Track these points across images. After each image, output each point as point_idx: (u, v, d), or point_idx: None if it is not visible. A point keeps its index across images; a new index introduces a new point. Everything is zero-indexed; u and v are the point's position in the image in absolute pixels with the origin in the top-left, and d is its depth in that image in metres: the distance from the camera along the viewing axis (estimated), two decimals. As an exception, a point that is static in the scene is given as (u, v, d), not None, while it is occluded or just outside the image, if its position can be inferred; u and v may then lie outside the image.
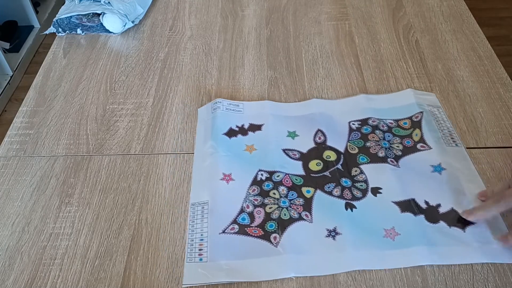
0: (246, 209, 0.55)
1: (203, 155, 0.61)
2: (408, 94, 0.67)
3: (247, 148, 0.61)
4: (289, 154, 0.60)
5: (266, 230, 0.53)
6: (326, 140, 0.62)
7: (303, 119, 0.65)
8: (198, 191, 0.57)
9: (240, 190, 0.57)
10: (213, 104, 0.67)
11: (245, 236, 0.52)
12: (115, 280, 0.51)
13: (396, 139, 0.62)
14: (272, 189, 0.56)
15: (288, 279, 0.50)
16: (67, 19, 0.82)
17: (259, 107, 0.67)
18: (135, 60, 0.78)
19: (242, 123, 0.64)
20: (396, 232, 0.52)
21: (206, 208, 0.55)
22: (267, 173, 0.58)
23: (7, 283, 0.51)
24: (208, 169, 0.59)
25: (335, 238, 0.52)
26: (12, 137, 0.67)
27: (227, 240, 0.52)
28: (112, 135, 0.66)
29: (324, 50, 0.77)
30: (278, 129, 0.63)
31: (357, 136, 0.62)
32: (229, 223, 0.54)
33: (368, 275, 0.50)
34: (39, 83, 0.75)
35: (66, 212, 0.57)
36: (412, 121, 0.63)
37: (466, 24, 0.79)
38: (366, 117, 0.64)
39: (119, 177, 0.60)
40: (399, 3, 0.85)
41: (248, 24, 0.84)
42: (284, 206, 0.55)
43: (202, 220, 0.54)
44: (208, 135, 0.63)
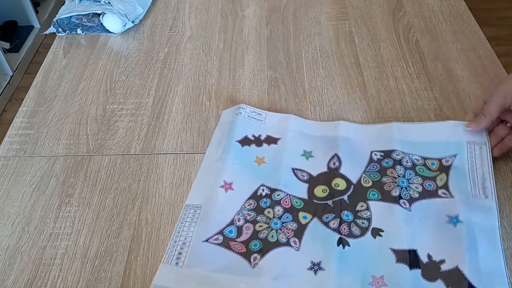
0: (237, 222, 0.53)
1: (212, 158, 0.60)
2: (445, 128, 0.59)
3: (257, 159, 0.59)
4: (297, 174, 0.57)
5: (249, 248, 0.51)
6: (341, 166, 0.57)
7: (324, 140, 0.61)
8: (195, 193, 0.56)
9: (236, 201, 0.55)
10: (235, 109, 0.64)
11: (227, 249, 0.51)
12: (115, 280, 0.51)
13: (417, 179, 0.55)
14: (268, 207, 0.54)
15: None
16: (67, 19, 0.82)
17: (283, 120, 0.63)
18: (135, 60, 0.78)
19: (260, 134, 0.62)
20: (384, 283, 0.47)
21: (198, 213, 0.54)
22: (268, 189, 0.56)
23: (7, 283, 0.51)
24: (212, 173, 0.58)
25: (316, 273, 0.48)
26: (12, 137, 0.67)
27: (208, 250, 0.51)
28: (112, 135, 0.66)
29: (324, 50, 0.77)
30: (295, 146, 0.60)
31: (376, 168, 0.57)
32: (215, 232, 0.52)
33: (368, 275, 0.50)
34: (39, 83, 0.75)
35: (66, 212, 0.57)
36: (442, 165, 0.56)
37: (466, 24, 0.79)
38: (392, 148, 0.58)
39: (119, 177, 0.60)
40: (399, 3, 0.85)
41: (248, 24, 0.84)
42: (275, 227, 0.52)
43: (190, 224, 0.53)
44: (223, 139, 0.61)
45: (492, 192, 0.53)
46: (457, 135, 0.58)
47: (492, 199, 0.52)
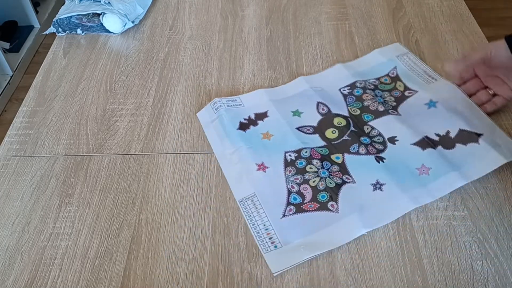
0: (292, 189, 0.56)
1: (228, 155, 0.61)
2: (376, 54, 0.73)
3: (264, 136, 0.63)
4: (303, 130, 0.63)
5: (320, 201, 0.55)
6: (330, 109, 0.65)
7: (299, 97, 0.68)
8: (240, 188, 0.58)
9: (278, 175, 0.58)
10: (212, 104, 0.67)
11: (304, 213, 0.54)
12: (115, 280, 0.51)
13: (385, 94, 0.67)
14: (306, 165, 0.58)
15: (288, 280, 0.50)
16: (67, 19, 0.82)
17: (256, 97, 0.68)
18: (135, 60, 0.78)
19: (248, 115, 0.65)
20: (427, 167, 0.57)
21: (256, 200, 0.56)
22: (295, 153, 0.60)
23: (7, 283, 0.51)
24: (240, 165, 0.59)
25: (382, 189, 0.56)
26: (12, 137, 0.67)
27: (290, 222, 0.54)
28: (112, 135, 0.66)
29: (324, 50, 0.77)
30: (282, 111, 0.66)
31: (353, 99, 0.66)
32: (284, 206, 0.55)
33: (368, 275, 0.50)
34: (39, 83, 0.75)
35: (66, 212, 0.57)
36: (390, 77, 0.70)
37: (466, 24, 0.79)
38: (352, 81, 0.69)
39: (119, 177, 0.60)
40: (399, 3, 0.85)
41: (248, 24, 0.84)
42: (325, 176, 0.57)
43: (258, 211, 0.55)
44: (222, 134, 0.63)
45: (436, 75, 0.68)
46: (387, 55, 0.73)
47: (440, 79, 0.67)
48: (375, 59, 0.73)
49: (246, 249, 0.53)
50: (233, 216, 0.56)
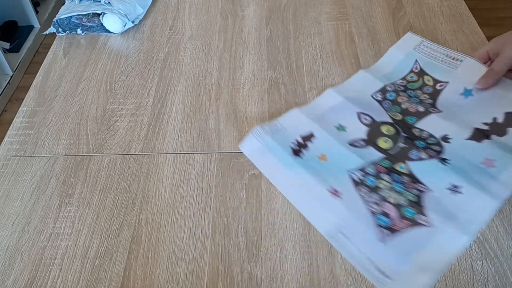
0: (374, 210, 0.53)
1: (293, 185, 0.57)
2: (394, 52, 0.73)
3: (320, 158, 0.59)
4: (356, 145, 0.60)
5: (408, 217, 0.52)
6: (373, 118, 0.63)
7: (337, 110, 0.65)
8: (321, 221, 0.54)
9: (354, 198, 0.55)
10: (255, 133, 0.62)
11: (399, 234, 0.51)
12: (115, 280, 0.51)
13: (418, 93, 0.66)
14: (377, 182, 0.56)
15: (288, 280, 0.50)
16: (67, 19, 0.82)
17: (293, 117, 0.64)
18: (135, 60, 0.78)
19: (295, 138, 0.62)
20: (491, 159, 0.56)
21: (346, 231, 0.52)
22: (359, 170, 0.57)
23: (7, 283, 0.51)
24: (312, 195, 0.56)
25: (461, 192, 0.53)
26: (12, 137, 0.67)
27: (391, 246, 0.50)
28: (112, 135, 0.66)
29: (324, 50, 0.77)
30: (326, 128, 0.62)
31: (389, 104, 0.65)
32: (376, 230, 0.52)
33: (368, 275, 0.50)
34: (39, 83, 0.75)
35: (66, 212, 0.57)
36: (415, 73, 0.69)
37: (466, 24, 0.79)
38: (381, 86, 0.67)
39: (119, 177, 0.60)
40: (399, 3, 0.85)
41: (248, 24, 0.84)
42: (401, 189, 0.55)
43: (352, 242, 0.51)
44: (278, 165, 0.59)
45: (461, 55, 0.68)
46: (404, 50, 0.72)
47: (467, 57, 0.67)
48: (394, 58, 0.72)
49: (246, 249, 0.53)
50: (233, 216, 0.56)
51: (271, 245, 0.53)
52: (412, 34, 0.74)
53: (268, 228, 0.54)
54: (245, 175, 0.60)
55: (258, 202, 0.57)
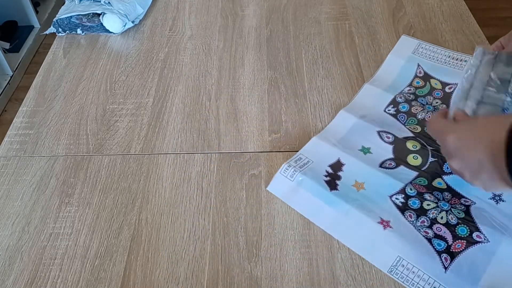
0: (427, 235, 0.51)
1: (337, 220, 0.54)
2: (393, 59, 0.71)
3: (357, 187, 0.57)
4: (387, 166, 0.58)
5: (463, 236, 0.51)
6: (394, 135, 0.61)
7: (355, 132, 0.63)
8: (378, 256, 0.51)
9: (404, 226, 0.52)
10: (283, 172, 0.58)
11: (459, 256, 0.49)
12: (115, 280, 0.51)
13: (429, 99, 0.65)
14: (421, 203, 0.54)
15: (288, 280, 0.50)
16: (67, 19, 0.82)
17: (315, 147, 0.61)
18: (135, 60, 0.78)
19: (325, 170, 0.59)
20: None
21: (406, 263, 0.50)
22: (399, 194, 0.55)
23: (7, 283, 0.51)
24: (361, 230, 0.53)
25: (504, 200, 0.53)
26: (12, 137, 0.67)
27: (455, 272, 0.48)
28: (112, 135, 0.66)
29: (324, 50, 0.77)
30: (352, 154, 0.60)
31: (405, 117, 0.63)
32: (436, 257, 0.50)
33: (368, 275, 0.50)
34: (39, 83, 0.75)
35: (66, 212, 0.57)
36: (420, 77, 0.67)
37: (466, 24, 0.79)
38: (391, 98, 0.66)
39: (119, 177, 0.60)
40: (399, 3, 0.85)
41: (248, 24, 0.84)
42: (447, 208, 0.53)
43: (415, 273, 0.49)
44: (317, 202, 0.55)
45: (462, 55, 0.67)
46: (403, 55, 0.71)
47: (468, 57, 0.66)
48: (395, 65, 0.70)
49: (246, 249, 0.53)
50: (233, 216, 0.56)
51: (271, 245, 0.53)
52: (407, 37, 0.73)
53: (268, 228, 0.54)
54: (245, 175, 0.60)
55: (258, 202, 0.57)
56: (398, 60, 0.71)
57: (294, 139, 0.64)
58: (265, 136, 0.64)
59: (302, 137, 0.64)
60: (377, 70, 0.71)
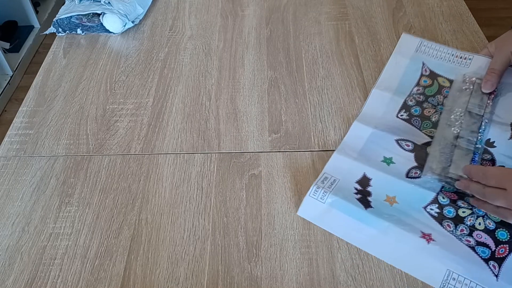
0: (470, 243, 0.51)
1: (378, 240, 0.52)
2: (397, 59, 0.71)
3: (389, 202, 0.55)
4: (413, 176, 0.57)
5: (504, 241, 0.50)
6: (413, 142, 0.60)
7: (373, 144, 0.61)
8: (428, 272, 0.50)
9: (446, 237, 0.51)
10: (312, 195, 0.56)
11: (506, 261, 0.49)
12: (115, 280, 0.51)
13: (439, 98, 0.64)
14: (456, 211, 0.53)
15: (288, 280, 0.50)
16: (67, 19, 0.82)
17: (339, 163, 0.60)
18: (135, 60, 0.78)
19: (354, 187, 0.57)
20: None
21: (456, 276, 0.49)
22: (432, 204, 0.54)
23: (7, 283, 0.51)
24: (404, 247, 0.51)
25: None
26: (12, 137, 0.67)
27: (507, 279, 0.48)
28: (112, 135, 0.66)
29: (324, 50, 0.77)
30: (376, 167, 0.58)
31: (419, 121, 0.63)
32: (484, 265, 0.49)
33: (368, 275, 0.50)
34: (39, 83, 0.75)
35: (66, 212, 0.57)
36: (426, 76, 0.67)
37: (466, 24, 0.79)
38: (401, 101, 0.65)
39: (119, 177, 0.60)
40: (399, 3, 0.85)
41: (248, 24, 0.84)
42: (483, 213, 0.52)
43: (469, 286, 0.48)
44: (352, 222, 0.54)
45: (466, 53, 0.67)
46: (406, 54, 0.71)
47: (475, 55, 0.66)
48: (399, 65, 0.70)
49: (246, 249, 0.53)
50: (233, 216, 0.56)
51: (271, 245, 0.53)
52: (408, 35, 0.73)
53: (268, 228, 0.54)
54: (245, 175, 0.60)
55: (258, 202, 0.57)
56: (401, 59, 0.70)
57: (294, 139, 0.64)
58: (265, 136, 0.64)
59: (302, 137, 0.64)
60: (382, 72, 0.70)
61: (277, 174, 0.60)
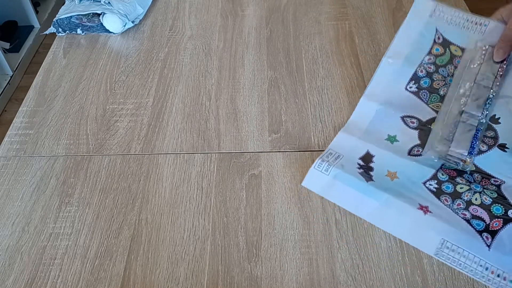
0: (465, 217, 0.52)
1: (379, 212, 0.54)
2: (410, 24, 0.66)
3: (390, 177, 0.57)
4: (415, 154, 0.58)
5: (499, 215, 0.51)
6: (418, 118, 0.61)
7: (378, 121, 0.62)
8: (424, 241, 0.52)
9: (443, 210, 0.53)
10: (316, 167, 0.58)
11: (499, 234, 0.50)
12: (115, 280, 0.51)
13: (450, 68, 0.62)
14: (454, 187, 0.55)
15: (288, 280, 0.50)
16: (67, 19, 0.82)
17: (342, 141, 0.61)
18: (135, 60, 0.78)
19: (357, 163, 0.59)
20: None
21: (450, 244, 0.50)
22: (432, 180, 0.56)
23: (7, 283, 0.51)
24: (404, 217, 0.53)
25: None
26: (12, 137, 0.67)
27: (499, 250, 0.49)
28: (112, 135, 0.66)
29: (324, 50, 0.77)
30: (379, 144, 0.60)
31: (427, 94, 0.62)
32: (478, 236, 0.50)
33: (368, 275, 0.50)
34: (39, 83, 0.75)
35: (66, 212, 0.57)
36: (439, 44, 0.64)
37: (466, 24, 0.79)
38: (412, 72, 0.63)
39: (119, 177, 0.60)
40: (399, 3, 0.85)
41: (248, 24, 0.84)
42: (479, 189, 0.54)
43: (462, 254, 0.49)
44: (356, 194, 0.55)
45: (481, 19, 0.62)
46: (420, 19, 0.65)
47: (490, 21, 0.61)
48: (412, 30, 0.65)
49: (246, 249, 0.53)
50: (233, 216, 0.56)
51: (271, 245, 0.53)
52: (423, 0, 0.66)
53: (268, 228, 0.54)
54: (245, 175, 0.60)
55: (258, 202, 0.57)
56: (415, 25, 0.65)
57: (294, 139, 0.64)
58: (265, 136, 0.64)
59: (302, 137, 0.64)
60: (393, 39, 0.66)
61: (277, 174, 0.60)
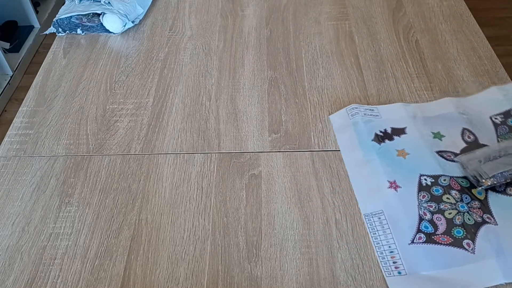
0: (424, 216, 0.52)
1: (358, 163, 0.58)
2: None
3: (399, 153, 0.59)
4: (444, 155, 0.58)
5: (454, 236, 0.51)
6: (477, 138, 0.60)
7: (443, 118, 0.63)
8: (367, 201, 0.55)
9: (410, 197, 0.54)
10: (348, 110, 0.64)
11: (435, 245, 0.50)
12: (115, 280, 0.51)
13: None
14: (443, 194, 0.54)
15: (288, 280, 0.50)
16: (67, 19, 0.82)
17: (394, 110, 0.64)
18: (135, 60, 0.78)
19: (384, 128, 0.62)
20: None
21: (384, 218, 0.53)
22: (431, 178, 0.56)
23: (7, 283, 0.51)
24: (371, 178, 0.57)
25: None
26: (12, 137, 0.67)
27: (419, 250, 0.50)
28: (112, 135, 0.66)
29: (324, 50, 0.77)
30: (422, 130, 0.61)
31: (505, 130, 0.61)
32: (414, 232, 0.51)
33: (368, 275, 0.50)
34: (39, 83, 0.75)
35: (66, 212, 0.57)
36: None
37: (466, 24, 0.79)
38: (507, 108, 0.63)
39: (119, 177, 0.60)
40: (399, 3, 0.85)
41: (248, 24, 0.84)
42: (464, 210, 0.53)
43: (384, 231, 0.52)
44: (355, 143, 0.61)
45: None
46: None
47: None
48: None
49: (246, 249, 0.53)
50: (233, 216, 0.56)
51: (271, 245, 0.53)
52: None
53: (268, 228, 0.54)
54: (245, 175, 0.60)
55: (258, 202, 0.57)
56: None
57: (294, 139, 0.64)
58: (265, 136, 0.64)
59: (302, 137, 0.64)
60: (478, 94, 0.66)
61: (277, 174, 0.60)
